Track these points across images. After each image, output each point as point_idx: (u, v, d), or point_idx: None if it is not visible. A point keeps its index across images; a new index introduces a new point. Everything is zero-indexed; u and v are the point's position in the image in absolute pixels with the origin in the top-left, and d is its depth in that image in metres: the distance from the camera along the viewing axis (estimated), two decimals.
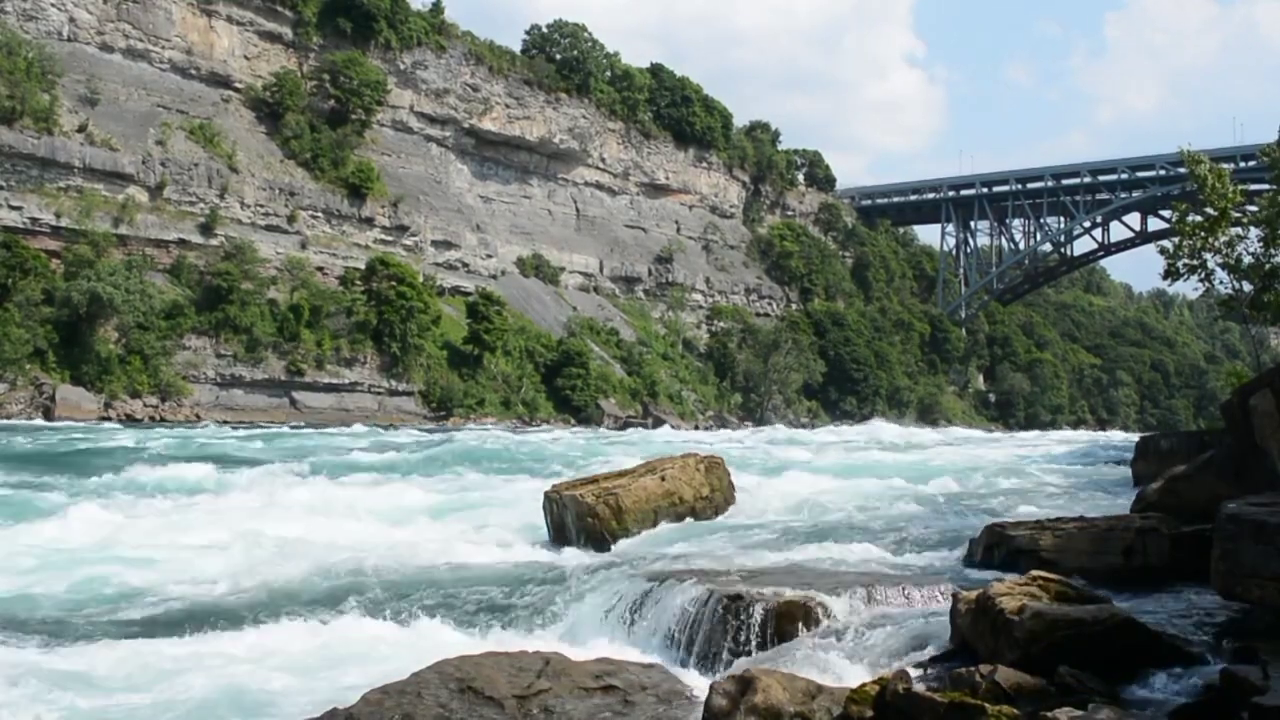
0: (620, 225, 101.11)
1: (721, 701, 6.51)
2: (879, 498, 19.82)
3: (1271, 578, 7.71)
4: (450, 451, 32.86)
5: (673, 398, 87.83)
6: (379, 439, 41.42)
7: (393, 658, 9.17)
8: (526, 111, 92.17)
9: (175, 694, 8.32)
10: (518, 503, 18.65)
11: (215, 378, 61.62)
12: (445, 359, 74.10)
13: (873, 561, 12.29)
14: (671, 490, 16.42)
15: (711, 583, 10.04)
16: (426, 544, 15.07)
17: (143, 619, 10.90)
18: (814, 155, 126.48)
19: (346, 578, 12.71)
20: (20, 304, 53.74)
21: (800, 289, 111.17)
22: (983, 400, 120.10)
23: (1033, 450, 39.76)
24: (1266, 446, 10.19)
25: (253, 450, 32.55)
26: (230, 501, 19.77)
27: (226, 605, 11.43)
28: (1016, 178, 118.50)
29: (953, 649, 7.83)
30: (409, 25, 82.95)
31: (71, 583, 12.34)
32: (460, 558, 13.97)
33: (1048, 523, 11.36)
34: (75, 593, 12.00)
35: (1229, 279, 25.96)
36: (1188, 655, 7.06)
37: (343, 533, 16.05)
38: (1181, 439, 23.33)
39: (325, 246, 72.53)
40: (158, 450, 29.88)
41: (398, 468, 27.86)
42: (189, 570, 12.99)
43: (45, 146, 58.67)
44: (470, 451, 32.71)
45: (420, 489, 22.17)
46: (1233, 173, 27.29)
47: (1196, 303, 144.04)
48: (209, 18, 72.89)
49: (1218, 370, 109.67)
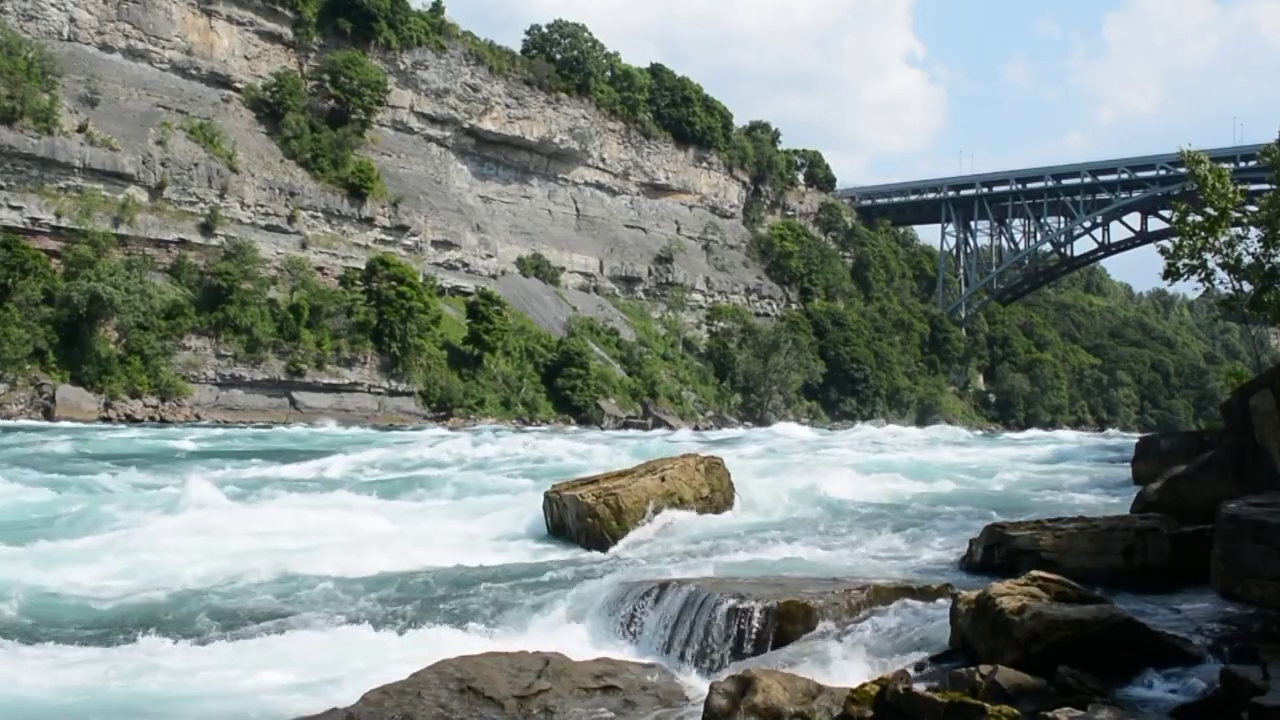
0: (620, 225, 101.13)
1: (721, 701, 6.50)
2: (879, 498, 19.82)
3: (1271, 578, 7.72)
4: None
5: (673, 398, 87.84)
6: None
7: (392, 657, 9.16)
8: (526, 111, 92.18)
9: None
10: (518, 502, 18.64)
11: (215, 378, 61.62)
12: (445, 359, 74.10)
13: (873, 561, 12.28)
14: (671, 490, 16.41)
15: (711, 583, 10.04)
16: (427, 544, 15.06)
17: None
18: (814, 155, 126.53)
19: (346, 577, 12.71)
20: (20, 304, 53.77)
21: (800, 289, 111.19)
22: (983, 400, 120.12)
23: (1027, 451, 39.73)
24: (1266, 446, 10.19)
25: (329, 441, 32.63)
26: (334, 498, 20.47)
27: (228, 606, 11.43)
28: (1016, 178, 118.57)
29: (953, 649, 7.82)
30: (409, 25, 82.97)
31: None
32: (460, 558, 13.95)
33: (1048, 523, 11.34)
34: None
35: (1229, 279, 25.94)
36: (1188, 655, 7.05)
37: (342, 533, 16.05)
38: (1181, 439, 23.32)
39: (325, 246, 72.54)
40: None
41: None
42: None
43: (45, 146, 58.68)
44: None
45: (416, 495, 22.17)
46: (1233, 173, 27.24)
47: (1196, 303, 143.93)
48: (209, 18, 72.91)
49: (1218, 370, 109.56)
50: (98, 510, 17.60)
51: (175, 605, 11.43)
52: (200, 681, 8.63)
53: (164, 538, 15.08)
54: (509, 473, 26.34)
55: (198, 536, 15.29)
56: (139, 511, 17.41)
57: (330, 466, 27.55)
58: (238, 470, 25.87)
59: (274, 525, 16.49)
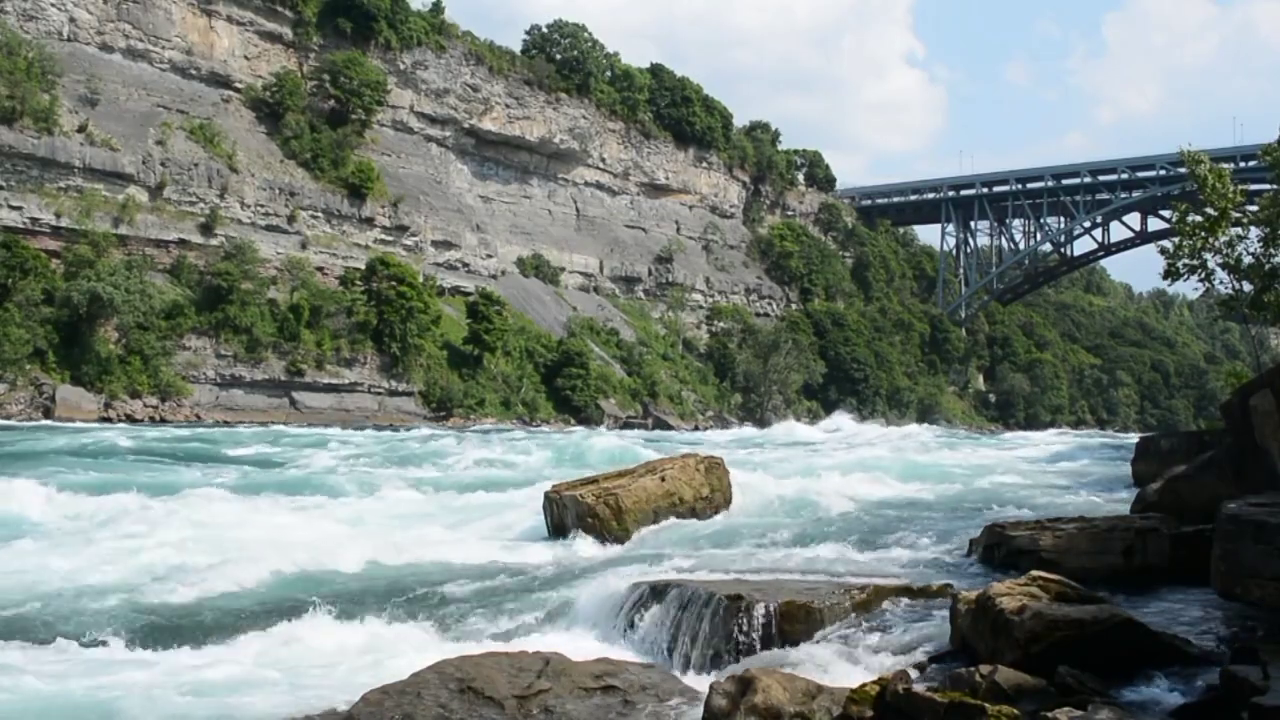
0: (620, 225, 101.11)
1: (721, 701, 6.51)
2: (879, 497, 19.81)
3: (1271, 578, 7.71)
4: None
5: (673, 398, 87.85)
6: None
7: (392, 657, 9.17)
8: (526, 111, 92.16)
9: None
10: (518, 502, 18.65)
11: (215, 378, 61.60)
12: (445, 359, 74.09)
13: (873, 561, 12.28)
14: (671, 490, 16.42)
15: (711, 583, 10.04)
16: (427, 544, 15.07)
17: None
18: (814, 155, 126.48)
19: (346, 577, 12.71)
20: (20, 304, 53.72)
21: (800, 289, 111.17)
22: (983, 400, 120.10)
23: (1026, 451, 39.66)
24: (1266, 446, 10.19)
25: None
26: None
27: (228, 605, 11.43)
28: (1016, 178, 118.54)
29: (953, 649, 7.83)
30: (409, 25, 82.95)
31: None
32: (461, 558, 13.96)
33: (1048, 523, 11.35)
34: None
35: (1229, 279, 25.92)
36: (1188, 655, 7.05)
37: (342, 532, 16.05)
38: (1181, 439, 23.29)
39: (325, 246, 72.52)
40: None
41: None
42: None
43: (45, 146, 58.64)
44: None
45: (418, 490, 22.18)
46: (1233, 173, 27.24)
47: (1196, 303, 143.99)
48: (209, 18, 72.88)
49: (1218, 370, 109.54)
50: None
51: (176, 604, 11.43)
52: (200, 681, 8.63)
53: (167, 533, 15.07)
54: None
55: (193, 529, 15.32)
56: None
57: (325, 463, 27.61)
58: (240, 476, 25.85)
59: (273, 523, 16.50)
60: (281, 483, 23.22)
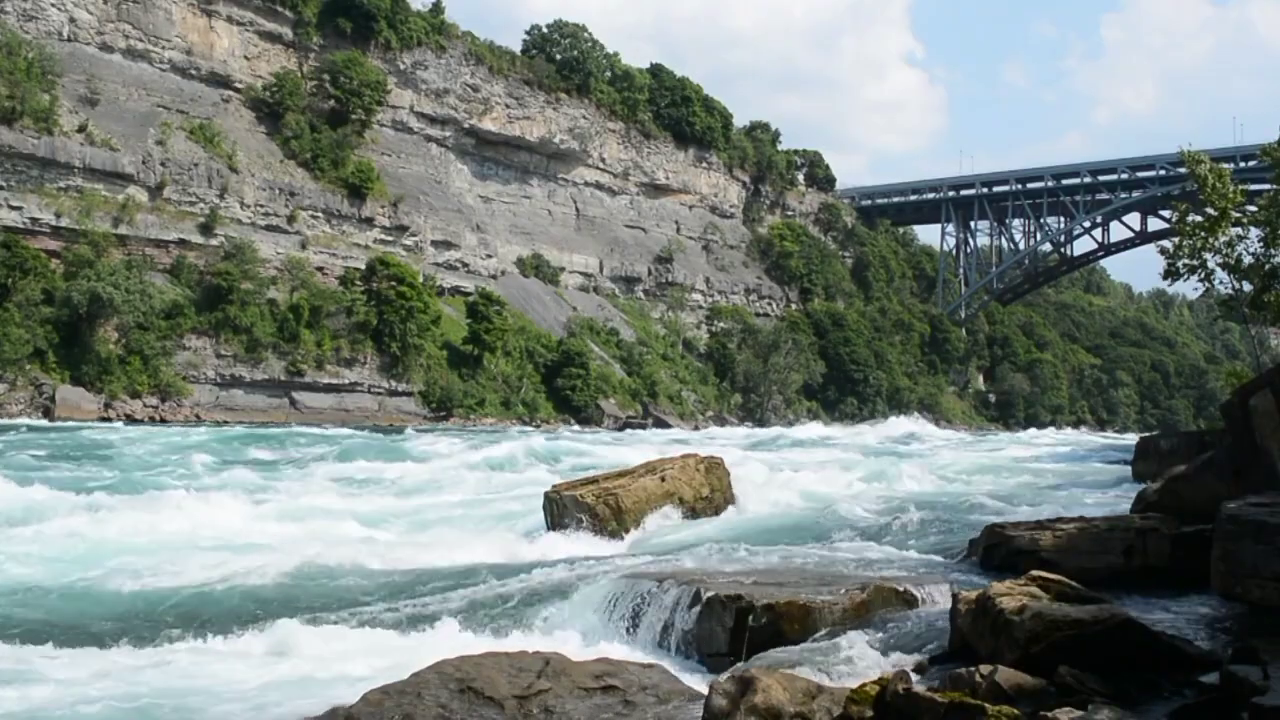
0: (620, 225, 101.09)
1: (721, 702, 6.50)
2: (879, 497, 19.80)
3: (1271, 578, 7.72)
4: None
5: (673, 398, 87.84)
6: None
7: (392, 657, 9.16)
8: (526, 111, 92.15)
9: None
10: (518, 502, 18.65)
11: (215, 378, 61.61)
12: (445, 359, 74.09)
13: (872, 561, 12.27)
14: (671, 490, 16.41)
15: (711, 583, 10.04)
16: (426, 543, 15.07)
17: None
18: (814, 155, 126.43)
19: (345, 577, 12.71)
20: (20, 304, 53.73)
21: (800, 289, 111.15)
22: (983, 400, 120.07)
23: (1024, 451, 39.68)
24: (1266, 446, 10.19)
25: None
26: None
27: (227, 604, 11.43)
28: (1016, 178, 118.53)
29: (953, 649, 7.82)
30: (409, 25, 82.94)
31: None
32: (460, 557, 13.95)
33: (1048, 523, 11.34)
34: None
35: (1229, 279, 25.97)
36: (1188, 655, 7.04)
37: (341, 532, 16.05)
38: (1181, 439, 23.32)
39: (325, 246, 72.52)
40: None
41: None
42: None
43: (45, 146, 58.64)
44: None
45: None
46: (1233, 173, 27.26)
47: (1196, 303, 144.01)
48: (209, 18, 72.88)
49: (1218, 370, 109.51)
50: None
51: (175, 604, 11.43)
52: (199, 681, 8.63)
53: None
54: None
55: (198, 527, 15.32)
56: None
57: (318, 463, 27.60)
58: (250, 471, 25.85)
59: (273, 521, 16.51)
60: (283, 483, 23.22)
